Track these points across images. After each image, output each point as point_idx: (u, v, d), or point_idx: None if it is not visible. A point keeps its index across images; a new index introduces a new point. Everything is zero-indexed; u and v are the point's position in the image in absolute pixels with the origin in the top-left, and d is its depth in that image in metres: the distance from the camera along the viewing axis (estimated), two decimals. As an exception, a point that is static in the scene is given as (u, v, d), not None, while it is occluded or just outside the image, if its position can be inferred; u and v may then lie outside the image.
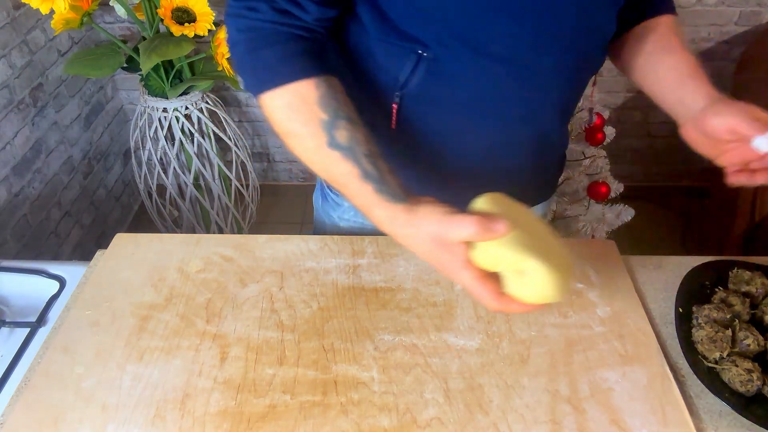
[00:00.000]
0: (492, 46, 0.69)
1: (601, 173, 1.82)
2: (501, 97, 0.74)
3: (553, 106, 0.78)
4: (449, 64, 0.71)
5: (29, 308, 0.79)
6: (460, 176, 0.83)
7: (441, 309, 0.75)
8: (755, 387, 0.64)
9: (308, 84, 0.65)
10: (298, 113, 0.65)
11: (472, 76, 0.72)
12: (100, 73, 1.62)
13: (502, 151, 0.81)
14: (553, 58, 0.71)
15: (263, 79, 0.66)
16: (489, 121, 0.77)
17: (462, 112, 0.76)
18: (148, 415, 0.63)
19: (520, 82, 0.73)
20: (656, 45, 0.79)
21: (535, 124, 0.79)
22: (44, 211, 1.78)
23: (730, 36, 2.09)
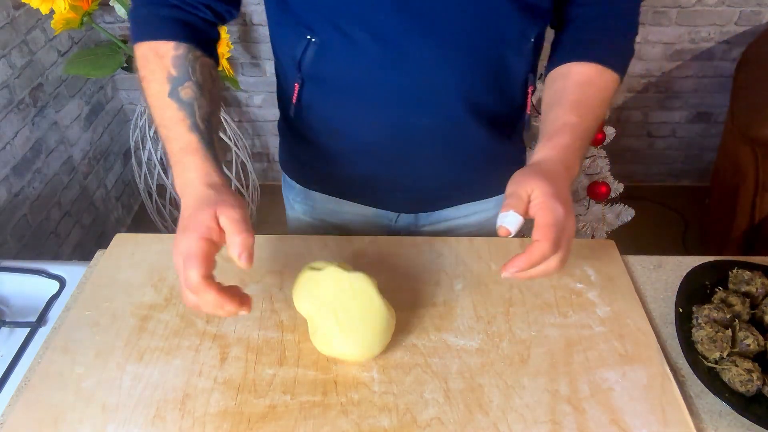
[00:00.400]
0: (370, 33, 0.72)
1: (601, 173, 1.82)
2: (387, 84, 0.77)
3: (450, 95, 0.78)
4: (332, 50, 0.76)
5: (29, 308, 0.79)
6: (363, 159, 0.87)
7: (441, 309, 0.75)
8: (755, 387, 0.64)
9: (167, 44, 0.72)
10: (152, 63, 0.72)
11: (357, 63, 0.76)
12: (100, 73, 1.62)
13: (403, 138, 0.83)
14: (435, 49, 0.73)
15: (135, 33, 0.74)
16: (382, 106, 0.79)
17: (354, 96, 0.79)
18: (148, 416, 0.63)
19: (402, 69, 0.75)
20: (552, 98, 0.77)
21: (433, 112, 0.79)
22: (44, 211, 1.78)
23: (730, 36, 2.09)
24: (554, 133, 0.72)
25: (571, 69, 0.77)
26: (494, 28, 0.74)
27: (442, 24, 0.71)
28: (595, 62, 0.75)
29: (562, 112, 0.73)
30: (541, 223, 0.61)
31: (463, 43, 0.73)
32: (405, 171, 0.88)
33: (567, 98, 0.74)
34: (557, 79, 0.78)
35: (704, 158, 2.40)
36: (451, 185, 0.92)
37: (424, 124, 0.80)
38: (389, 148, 0.84)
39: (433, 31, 0.72)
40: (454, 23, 0.72)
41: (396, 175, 0.88)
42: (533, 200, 0.63)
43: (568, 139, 0.70)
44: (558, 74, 0.78)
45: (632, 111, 2.30)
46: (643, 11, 2.04)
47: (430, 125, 0.81)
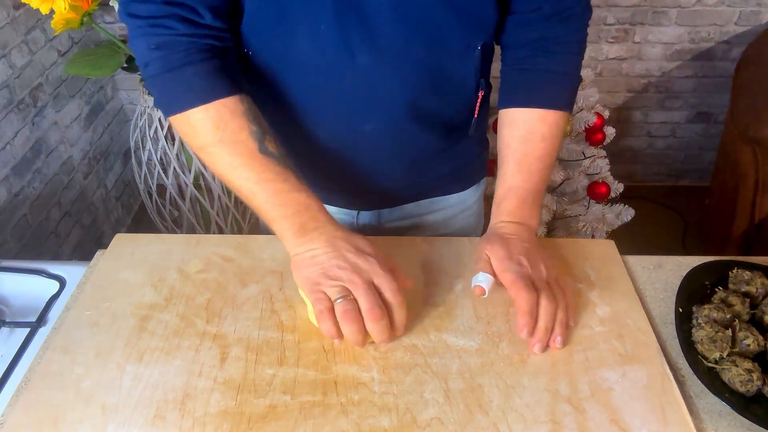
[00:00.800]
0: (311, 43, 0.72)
1: (601, 173, 1.82)
2: (329, 92, 0.77)
3: (393, 102, 0.78)
4: (273, 60, 0.76)
5: (29, 308, 0.79)
6: (314, 162, 0.87)
7: (441, 309, 0.75)
8: (755, 387, 0.64)
9: (233, 100, 0.69)
10: (228, 123, 0.68)
11: (298, 71, 0.76)
12: (100, 73, 1.62)
13: (349, 143, 0.84)
14: (377, 57, 0.73)
15: (188, 96, 0.68)
16: (325, 113, 0.80)
17: (297, 102, 0.80)
18: (148, 416, 0.63)
19: (344, 77, 0.75)
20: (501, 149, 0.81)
21: (376, 119, 0.80)
22: (44, 211, 1.78)
23: (730, 36, 2.10)
24: (502, 198, 0.80)
25: (516, 116, 0.80)
26: (436, 38, 0.73)
27: (384, 32, 0.71)
28: (538, 107, 0.78)
29: (509, 174, 0.80)
30: (506, 283, 0.71)
31: (406, 52, 0.73)
32: (356, 173, 0.88)
33: (512, 156, 0.80)
34: (504, 126, 0.82)
35: (704, 158, 2.40)
36: (404, 185, 0.93)
37: (368, 129, 0.81)
38: (337, 152, 0.85)
39: (375, 39, 0.71)
40: (396, 32, 0.71)
41: (348, 176, 0.89)
42: (493, 265, 0.74)
43: (516, 202, 0.79)
44: (505, 120, 0.82)
45: (632, 111, 2.30)
46: (643, 11, 2.04)
47: (374, 131, 0.81)
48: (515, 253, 0.74)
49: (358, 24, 0.70)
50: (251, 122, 0.69)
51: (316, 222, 0.69)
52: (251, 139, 0.69)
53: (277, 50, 0.75)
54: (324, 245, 0.67)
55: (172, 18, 0.67)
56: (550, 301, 0.69)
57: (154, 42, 0.67)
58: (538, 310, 0.69)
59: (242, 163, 0.69)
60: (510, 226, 0.78)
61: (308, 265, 0.67)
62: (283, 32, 0.72)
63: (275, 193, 0.69)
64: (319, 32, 0.71)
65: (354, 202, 0.96)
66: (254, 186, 0.69)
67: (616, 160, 2.15)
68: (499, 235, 0.77)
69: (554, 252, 0.84)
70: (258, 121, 0.70)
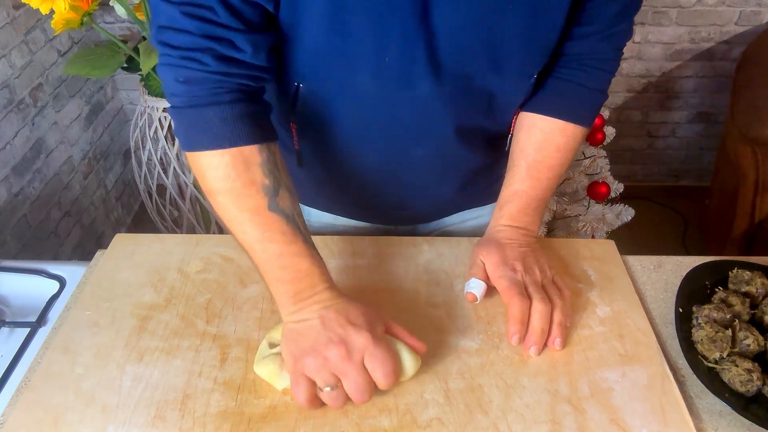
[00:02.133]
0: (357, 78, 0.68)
1: (601, 173, 1.82)
2: (382, 118, 0.75)
3: (445, 127, 0.76)
4: (318, 99, 0.72)
5: (29, 308, 0.79)
6: (358, 185, 0.86)
7: (441, 309, 0.75)
8: (755, 387, 0.64)
9: (252, 149, 0.64)
10: (240, 173, 0.64)
11: (346, 105, 0.73)
12: (100, 73, 1.62)
13: (396, 167, 0.82)
14: (434, 85, 0.69)
15: (204, 137, 0.64)
16: (376, 139, 0.78)
17: (348, 129, 0.76)
18: (149, 416, 0.63)
19: (398, 105, 0.72)
20: (514, 151, 0.81)
21: (426, 144, 0.78)
22: (44, 211, 1.78)
23: (730, 36, 2.09)
24: (506, 201, 0.80)
25: (536, 123, 0.79)
26: (499, 67, 0.70)
27: (448, 63, 0.68)
28: (561, 119, 0.77)
29: (517, 177, 0.79)
30: (500, 289, 0.72)
31: (466, 81, 0.71)
32: (399, 194, 0.87)
33: (524, 160, 0.79)
34: (522, 129, 0.80)
35: (704, 158, 2.40)
36: (445, 202, 0.93)
37: (417, 154, 0.80)
38: (383, 177, 0.84)
39: (438, 69, 0.68)
40: (460, 62, 0.68)
41: (391, 198, 0.88)
42: (487, 270, 0.74)
43: (519, 206, 0.78)
44: (524, 123, 0.80)
45: (632, 111, 2.30)
46: (643, 11, 2.04)
47: (423, 155, 0.80)
48: (510, 258, 0.74)
49: (424, 54, 0.66)
50: (266, 175, 0.65)
51: (313, 290, 0.64)
52: (261, 194, 0.64)
53: (334, 84, 0.71)
54: (316, 319, 0.62)
55: (207, 53, 0.61)
56: (544, 304, 0.69)
57: (182, 75, 0.63)
58: (529, 318, 0.69)
59: (248, 219, 0.65)
60: (509, 230, 0.78)
61: (295, 339, 0.62)
62: (344, 67, 0.68)
63: (277, 255, 0.65)
64: (384, 65, 0.67)
65: (395, 219, 0.95)
66: (256, 244, 0.65)
67: (616, 160, 2.15)
68: (495, 240, 0.77)
69: (554, 252, 0.84)
70: (274, 174, 0.65)
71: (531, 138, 0.79)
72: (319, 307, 0.63)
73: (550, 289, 0.73)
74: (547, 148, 0.78)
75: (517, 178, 0.79)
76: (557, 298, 0.72)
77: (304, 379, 0.61)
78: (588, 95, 0.78)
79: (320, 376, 0.60)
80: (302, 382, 0.61)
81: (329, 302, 0.64)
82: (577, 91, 0.78)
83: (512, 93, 0.77)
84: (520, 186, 0.79)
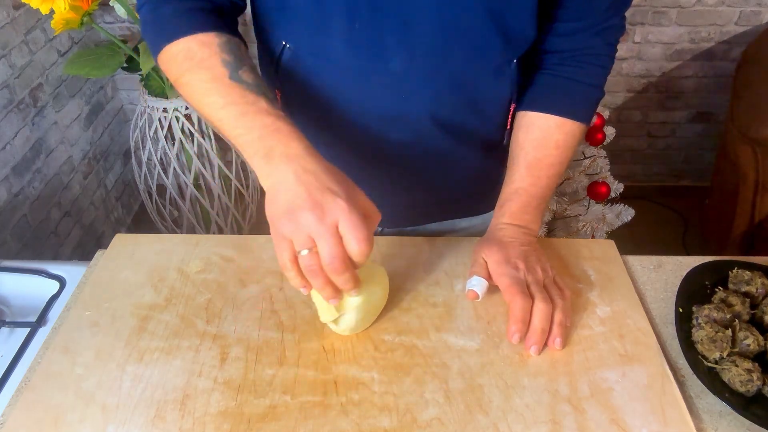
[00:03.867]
0: (344, 42, 0.70)
1: (601, 173, 1.82)
2: (357, 94, 0.76)
3: (421, 111, 0.76)
4: (306, 56, 0.74)
5: (29, 308, 0.79)
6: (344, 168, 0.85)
7: (441, 309, 0.75)
8: (755, 387, 0.64)
9: (209, 34, 0.67)
10: (199, 53, 0.66)
11: (329, 71, 0.74)
12: (100, 73, 1.62)
13: (375, 152, 0.82)
14: (409, 63, 0.70)
15: (165, 32, 0.68)
16: (351, 116, 0.78)
17: (326, 104, 0.78)
18: (149, 416, 0.63)
19: (373, 82, 0.73)
20: (513, 149, 0.81)
21: (401, 128, 0.78)
22: (44, 211, 1.79)
23: (730, 36, 2.10)
24: (506, 199, 0.79)
25: (534, 121, 0.79)
26: (475, 51, 0.72)
27: (422, 40, 0.70)
28: (557, 115, 0.78)
29: (517, 176, 0.79)
30: (502, 287, 0.72)
31: (441, 63, 0.72)
32: (381, 186, 0.87)
33: (524, 159, 0.79)
34: (520, 127, 0.81)
35: (704, 158, 2.40)
36: (429, 201, 0.92)
37: (393, 138, 0.80)
38: (362, 162, 0.84)
39: (412, 46, 0.70)
40: (435, 41, 0.70)
41: (375, 191, 0.87)
42: (489, 269, 0.74)
43: (520, 204, 0.78)
44: (522, 122, 0.81)
45: (632, 111, 2.30)
46: (643, 11, 2.04)
47: (400, 140, 0.80)
48: (512, 257, 0.74)
49: (396, 27, 0.68)
50: (224, 52, 0.66)
51: (285, 147, 0.61)
52: (221, 66, 0.65)
53: (312, 50, 0.73)
54: (289, 179, 0.60)
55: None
56: (546, 304, 0.69)
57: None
58: (531, 317, 0.69)
59: (209, 88, 0.65)
60: (510, 228, 0.78)
61: (271, 202, 0.61)
62: (320, 30, 0.71)
63: (241, 115, 0.63)
64: (354, 31, 0.69)
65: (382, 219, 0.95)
66: (220, 111, 0.64)
67: (616, 160, 2.15)
68: (497, 238, 0.77)
69: (554, 252, 0.84)
70: (235, 53, 0.66)
71: (529, 136, 0.79)
72: (294, 166, 0.60)
73: (551, 288, 0.73)
74: (546, 146, 0.78)
75: (517, 176, 0.79)
76: (558, 297, 0.72)
77: (284, 240, 0.59)
78: (584, 91, 0.79)
79: (296, 237, 0.59)
80: (282, 244, 0.60)
81: (303, 160, 0.61)
82: (572, 87, 0.78)
83: (493, 85, 0.77)
84: (520, 184, 0.79)
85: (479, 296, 0.73)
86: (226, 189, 1.97)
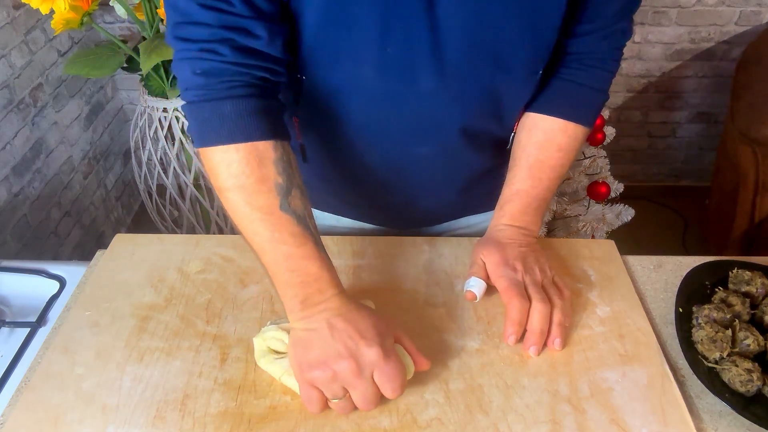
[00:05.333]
0: (373, 66, 0.68)
1: (601, 173, 1.82)
2: (387, 115, 0.74)
3: (451, 125, 0.76)
4: (322, 92, 0.72)
5: (29, 308, 0.79)
6: (361, 184, 0.85)
7: (441, 309, 0.75)
8: (755, 387, 0.64)
9: (266, 145, 0.63)
10: (253, 170, 0.62)
11: (357, 95, 0.72)
12: (100, 73, 1.62)
13: (400, 165, 0.82)
14: (440, 81, 0.69)
15: (219, 132, 0.63)
16: (380, 136, 0.77)
17: (352, 125, 0.76)
18: (149, 416, 0.63)
19: (403, 101, 0.72)
20: (515, 151, 0.81)
21: (431, 142, 0.78)
22: (44, 211, 1.78)
23: (730, 36, 2.10)
24: (507, 200, 0.80)
25: (538, 123, 0.79)
26: (503, 64, 0.70)
27: (452, 58, 0.68)
28: (561, 117, 0.78)
29: (518, 177, 0.79)
30: (500, 288, 0.72)
31: (471, 78, 0.71)
32: (404, 194, 0.87)
33: (526, 160, 0.79)
34: (524, 129, 0.80)
35: (704, 158, 2.40)
36: (448, 205, 0.92)
37: (422, 152, 0.79)
38: (387, 175, 0.83)
39: (442, 64, 0.68)
40: (464, 58, 0.68)
41: (395, 198, 0.88)
42: (487, 270, 0.74)
43: (520, 206, 0.78)
44: (526, 123, 0.80)
45: (632, 111, 2.30)
46: (643, 11, 2.04)
47: (428, 154, 0.80)
48: (511, 258, 0.74)
49: (427, 48, 0.66)
50: (279, 173, 0.63)
51: (322, 296, 0.63)
52: (274, 193, 0.63)
53: (336, 76, 0.70)
54: (322, 327, 0.61)
55: (225, 44, 0.61)
56: (544, 304, 0.69)
57: (200, 67, 0.62)
58: (529, 318, 0.69)
59: (258, 218, 0.63)
60: (509, 230, 0.78)
61: (304, 347, 0.62)
62: (347, 58, 0.68)
63: (286, 257, 0.63)
64: (386, 56, 0.66)
65: (400, 221, 0.95)
66: (266, 244, 0.64)
67: (616, 160, 2.15)
68: (495, 239, 0.77)
69: (554, 252, 0.84)
70: (287, 173, 0.64)
71: (532, 138, 0.79)
72: (328, 315, 0.62)
73: (550, 289, 0.73)
74: (549, 148, 0.78)
75: (518, 177, 0.79)
76: (557, 298, 0.72)
77: (314, 390, 0.61)
78: (589, 95, 0.79)
79: (329, 388, 0.60)
80: (313, 393, 0.61)
81: (338, 310, 0.62)
82: (578, 91, 0.78)
83: (519, 93, 0.77)
84: (521, 185, 0.79)
85: (477, 297, 0.74)
86: (226, 189, 1.97)
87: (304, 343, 0.62)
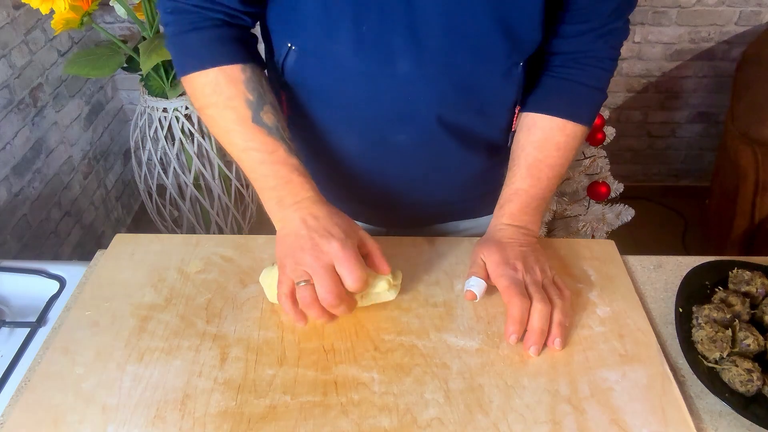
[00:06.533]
0: (351, 44, 0.71)
1: (601, 173, 1.82)
2: (363, 96, 0.76)
3: (428, 113, 0.76)
4: (312, 58, 0.75)
5: (29, 308, 0.79)
6: (346, 174, 0.87)
7: (441, 309, 0.75)
8: (755, 387, 0.64)
9: (234, 68, 0.70)
10: (225, 89, 0.70)
11: (335, 73, 0.75)
12: (100, 73, 1.62)
13: (381, 153, 0.82)
14: (416, 65, 0.71)
15: (190, 61, 0.72)
16: (357, 119, 0.79)
17: (331, 106, 0.79)
18: (149, 416, 0.63)
19: (380, 83, 0.74)
20: (514, 150, 0.81)
21: (408, 129, 0.79)
22: (44, 211, 1.78)
23: (730, 36, 2.10)
24: (506, 200, 0.81)
25: (536, 122, 0.79)
26: (481, 53, 0.72)
27: (429, 43, 0.69)
28: (559, 116, 0.78)
29: (518, 176, 0.80)
30: (501, 288, 0.72)
31: (449, 65, 0.72)
32: (388, 189, 0.87)
33: (525, 159, 0.79)
34: (522, 128, 0.81)
35: (704, 158, 2.40)
36: (437, 203, 0.92)
37: (400, 140, 0.80)
38: (368, 164, 0.84)
39: (419, 49, 0.70)
40: (441, 43, 0.70)
41: (379, 192, 0.88)
42: (488, 269, 0.75)
43: (520, 205, 0.79)
44: (524, 123, 0.81)
45: (632, 111, 2.30)
46: (643, 11, 2.04)
47: (407, 142, 0.80)
48: (511, 258, 0.74)
49: (403, 30, 0.68)
50: (249, 91, 0.70)
51: (294, 197, 0.69)
52: (245, 107, 0.70)
53: (318, 52, 0.74)
54: (295, 224, 0.68)
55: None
56: (544, 304, 0.70)
57: (169, 7, 0.71)
58: (529, 318, 0.70)
59: (232, 129, 0.71)
60: (509, 229, 0.78)
61: (280, 244, 0.69)
62: (326, 34, 0.71)
63: (259, 163, 0.70)
64: (362, 34, 0.69)
65: (385, 220, 0.95)
66: (241, 153, 0.71)
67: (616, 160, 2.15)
68: (496, 239, 0.77)
69: (554, 252, 0.84)
70: (258, 91, 0.71)
71: (531, 137, 0.79)
72: (301, 213, 0.68)
73: (550, 289, 0.73)
74: (548, 147, 0.78)
75: (517, 177, 0.79)
76: (557, 298, 0.72)
77: (285, 277, 0.67)
78: (586, 93, 0.79)
79: (295, 273, 0.66)
80: (283, 280, 0.67)
81: (310, 209, 0.68)
82: (575, 89, 0.78)
83: (500, 87, 0.77)
84: (520, 185, 0.79)
85: (477, 297, 0.74)
86: (226, 189, 1.97)
87: (282, 239, 0.69)
